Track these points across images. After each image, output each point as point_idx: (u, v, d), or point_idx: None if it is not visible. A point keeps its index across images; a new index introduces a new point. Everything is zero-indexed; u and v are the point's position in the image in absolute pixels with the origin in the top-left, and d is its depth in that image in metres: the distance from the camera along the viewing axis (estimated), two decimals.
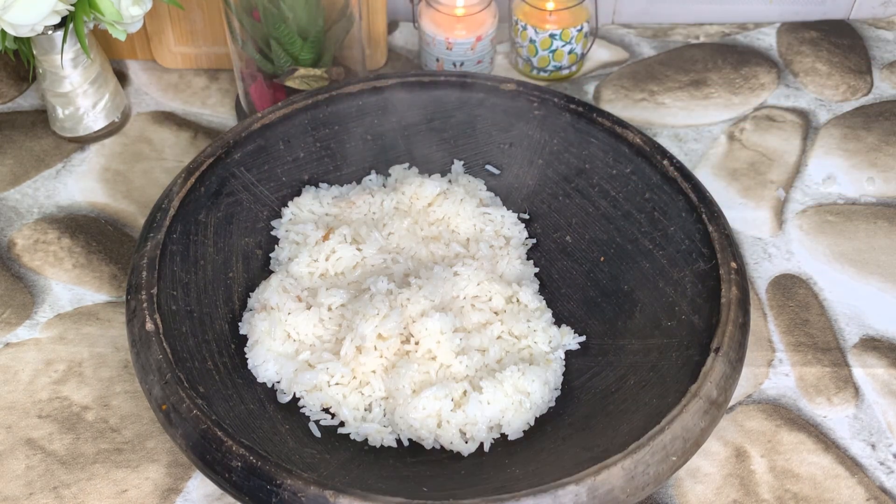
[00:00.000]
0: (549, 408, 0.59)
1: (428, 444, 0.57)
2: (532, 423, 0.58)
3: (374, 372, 0.59)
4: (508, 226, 0.68)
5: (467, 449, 0.57)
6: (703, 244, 0.59)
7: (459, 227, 0.67)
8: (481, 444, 0.57)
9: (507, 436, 0.57)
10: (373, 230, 0.66)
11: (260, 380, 0.59)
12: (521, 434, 0.58)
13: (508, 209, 0.69)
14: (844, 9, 0.93)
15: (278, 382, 0.60)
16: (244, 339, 0.61)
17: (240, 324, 0.62)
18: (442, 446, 0.57)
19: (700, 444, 0.51)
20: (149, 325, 0.54)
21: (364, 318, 0.59)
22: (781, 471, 0.59)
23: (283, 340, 0.60)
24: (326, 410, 0.59)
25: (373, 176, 0.71)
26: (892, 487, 0.59)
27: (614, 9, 0.93)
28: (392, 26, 0.92)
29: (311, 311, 0.61)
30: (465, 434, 0.57)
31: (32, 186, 0.77)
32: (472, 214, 0.68)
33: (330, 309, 0.61)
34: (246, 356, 0.60)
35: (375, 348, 0.59)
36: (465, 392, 0.57)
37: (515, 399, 0.57)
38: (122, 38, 0.73)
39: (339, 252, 0.64)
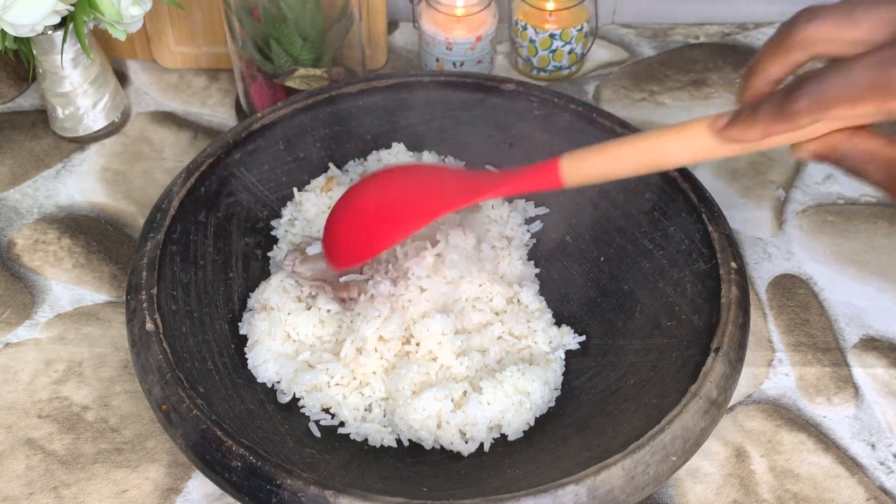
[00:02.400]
0: (549, 408, 0.59)
1: (428, 445, 0.57)
2: (532, 424, 0.58)
3: (374, 373, 0.59)
4: (512, 226, 0.68)
5: (467, 449, 0.57)
6: (703, 244, 0.59)
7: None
8: (481, 445, 0.57)
9: (507, 436, 0.57)
10: None
11: (260, 380, 0.59)
12: (521, 434, 0.58)
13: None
14: None
15: (278, 382, 0.60)
16: (244, 339, 0.61)
17: (240, 324, 0.62)
18: (442, 446, 0.57)
19: (700, 444, 0.51)
20: (149, 325, 0.54)
21: (365, 319, 0.59)
22: (781, 471, 0.59)
23: (283, 340, 0.60)
24: (326, 410, 0.59)
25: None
26: (892, 487, 0.59)
27: (614, 9, 0.93)
28: (392, 26, 0.92)
29: (311, 311, 0.61)
30: (464, 434, 0.57)
31: (32, 186, 0.77)
32: (477, 215, 0.68)
33: (329, 311, 0.61)
34: (246, 356, 0.60)
35: (376, 350, 0.59)
36: (465, 392, 0.57)
37: (515, 399, 0.57)
38: (122, 38, 0.73)
39: None
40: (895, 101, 0.38)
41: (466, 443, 0.57)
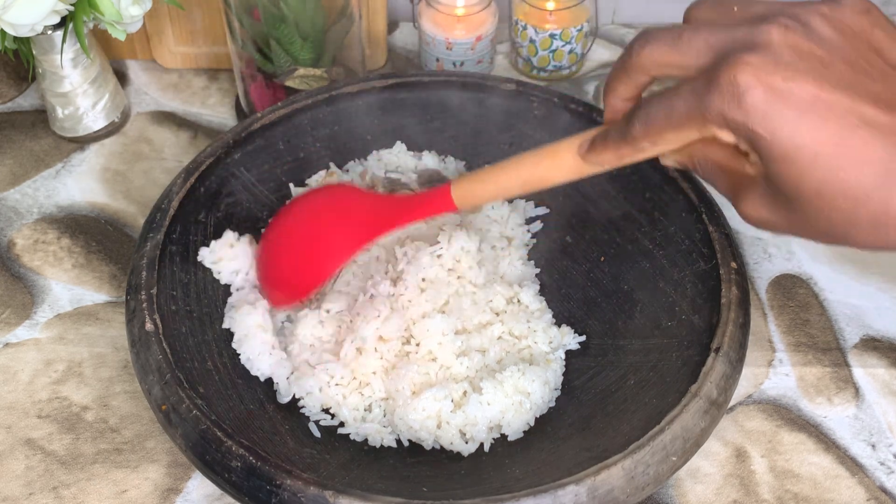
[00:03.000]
0: (549, 408, 0.59)
1: (428, 445, 0.57)
2: (532, 424, 0.58)
3: (374, 373, 0.59)
4: (513, 226, 0.68)
5: (467, 449, 0.56)
6: (703, 244, 0.59)
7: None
8: (481, 445, 0.57)
9: (507, 436, 0.57)
10: None
11: (253, 373, 0.59)
12: (521, 434, 0.58)
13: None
14: None
15: (278, 383, 0.60)
16: None
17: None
18: (442, 446, 0.57)
19: (700, 444, 0.51)
20: (148, 325, 0.54)
21: (365, 319, 0.59)
22: (782, 471, 0.59)
23: (276, 332, 0.61)
24: (326, 411, 0.59)
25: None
26: (892, 487, 0.59)
27: (614, 9, 0.93)
28: (392, 26, 0.92)
29: (312, 312, 0.61)
30: (464, 434, 0.57)
31: (32, 186, 0.77)
32: (477, 215, 0.68)
33: (329, 311, 0.61)
34: (238, 351, 0.60)
35: (376, 350, 0.58)
36: (464, 393, 0.57)
37: (515, 399, 0.57)
38: (122, 38, 0.73)
39: None
40: (712, 126, 0.39)
41: (466, 443, 0.57)
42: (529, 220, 0.69)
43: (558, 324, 0.63)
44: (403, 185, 0.67)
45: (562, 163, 0.49)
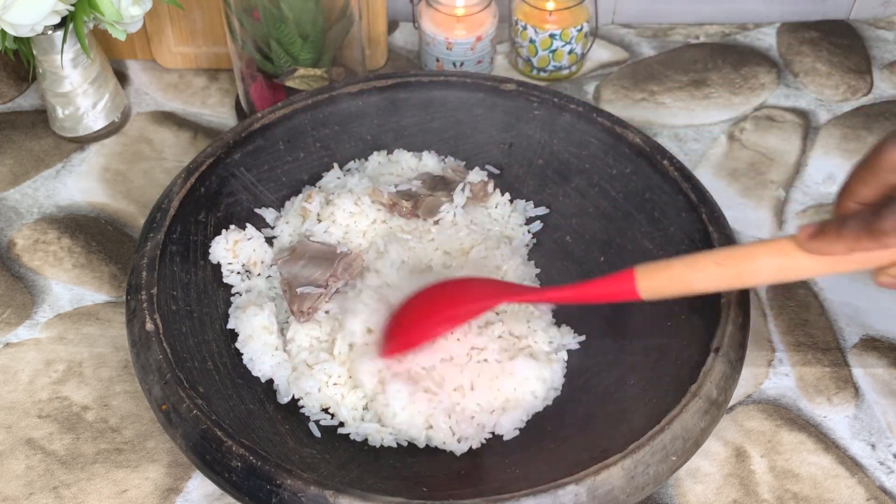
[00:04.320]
0: (549, 408, 0.59)
1: (420, 444, 0.57)
2: (530, 423, 0.58)
3: (368, 373, 0.58)
4: (513, 226, 0.68)
5: (460, 448, 0.56)
6: (703, 244, 0.59)
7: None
8: (481, 444, 0.57)
9: (504, 436, 0.57)
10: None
11: (255, 373, 0.59)
12: (520, 434, 0.58)
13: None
14: (844, 9, 0.93)
15: (278, 384, 0.60)
16: None
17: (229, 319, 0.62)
18: (442, 446, 0.57)
19: (700, 444, 0.51)
20: (149, 325, 0.54)
21: (353, 314, 0.59)
22: (781, 471, 0.59)
23: (277, 334, 0.61)
24: (326, 410, 0.59)
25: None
26: (892, 487, 0.59)
27: (614, 9, 0.93)
28: (392, 26, 0.92)
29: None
30: (458, 434, 0.57)
31: (32, 186, 0.77)
32: (478, 215, 0.68)
33: (328, 312, 0.61)
34: (241, 351, 0.60)
35: (367, 344, 0.58)
36: (462, 392, 0.57)
37: (514, 399, 0.57)
38: (122, 38, 0.73)
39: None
40: None
41: (459, 442, 0.57)
42: (529, 220, 0.69)
43: (558, 324, 0.63)
44: (414, 195, 0.67)
45: (778, 255, 0.46)
